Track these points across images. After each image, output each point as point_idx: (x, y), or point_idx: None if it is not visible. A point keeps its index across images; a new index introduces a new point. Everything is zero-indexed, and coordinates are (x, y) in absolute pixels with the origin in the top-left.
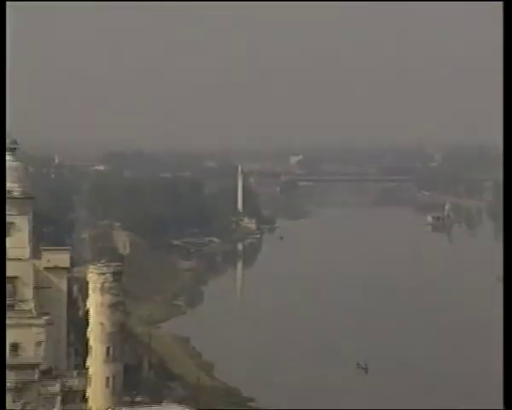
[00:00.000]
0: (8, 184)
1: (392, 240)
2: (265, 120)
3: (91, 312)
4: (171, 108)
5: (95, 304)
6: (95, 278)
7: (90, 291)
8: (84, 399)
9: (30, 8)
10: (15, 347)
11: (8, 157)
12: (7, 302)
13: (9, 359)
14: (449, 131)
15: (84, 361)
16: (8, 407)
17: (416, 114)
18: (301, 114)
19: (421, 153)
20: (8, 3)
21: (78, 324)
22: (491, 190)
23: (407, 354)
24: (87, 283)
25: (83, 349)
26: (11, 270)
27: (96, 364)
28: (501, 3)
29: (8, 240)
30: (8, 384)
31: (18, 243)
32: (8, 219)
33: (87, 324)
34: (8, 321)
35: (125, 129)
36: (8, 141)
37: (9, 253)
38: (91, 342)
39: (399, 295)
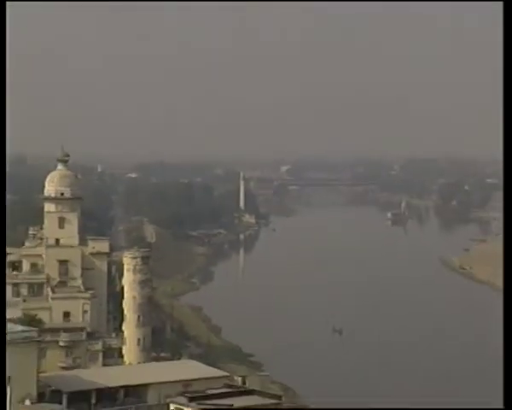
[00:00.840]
0: (61, 188)
1: (360, 231)
2: (262, 138)
3: (126, 287)
4: (187, 124)
5: (128, 281)
6: (128, 261)
7: (125, 271)
8: (121, 355)
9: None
10: (67, 314)
11: (61, 166)
12: (61, 280)
13: (63, 324)
14: (406, 146)
15: (121, 326)
16: (61, 360)
17: (380, 131)
18: (289, 132)
19: (384, 163)
20: (8, 3)
21: (116, 297)
22: (436, 192)
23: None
24: (122, 265)
25: (119, 316)
26: (64, 255)
27: (129, 328)
28: (501, 3)
29: (61, 231)
30: (61, 343)
31: (69, 233)
32: (61, 215)
33: (122, 297)
34: (61, 295)
35: (150, 144)
36: (61, 154)
37: (62, 241)
38: (126, 311)
39: (363, 270)
